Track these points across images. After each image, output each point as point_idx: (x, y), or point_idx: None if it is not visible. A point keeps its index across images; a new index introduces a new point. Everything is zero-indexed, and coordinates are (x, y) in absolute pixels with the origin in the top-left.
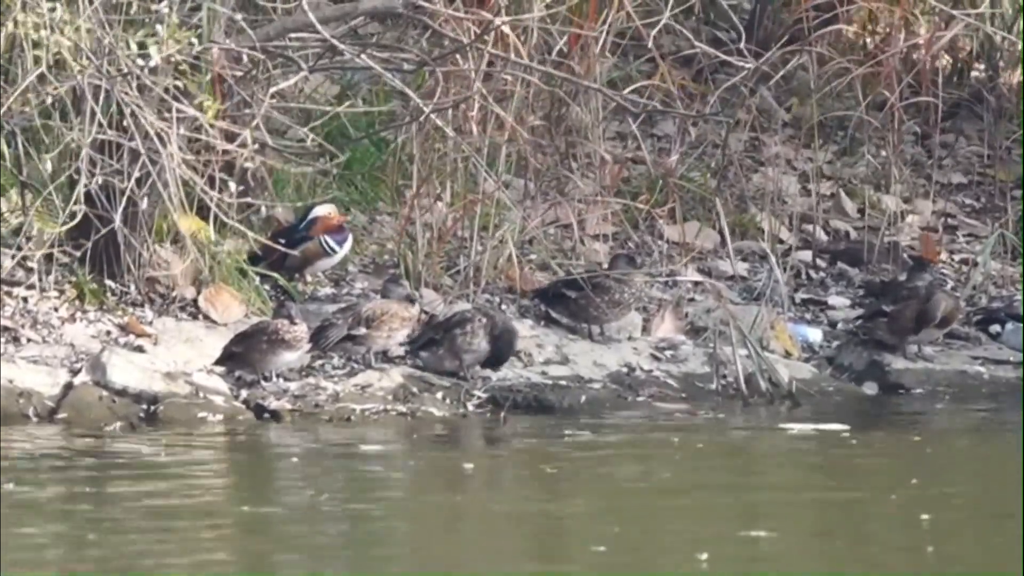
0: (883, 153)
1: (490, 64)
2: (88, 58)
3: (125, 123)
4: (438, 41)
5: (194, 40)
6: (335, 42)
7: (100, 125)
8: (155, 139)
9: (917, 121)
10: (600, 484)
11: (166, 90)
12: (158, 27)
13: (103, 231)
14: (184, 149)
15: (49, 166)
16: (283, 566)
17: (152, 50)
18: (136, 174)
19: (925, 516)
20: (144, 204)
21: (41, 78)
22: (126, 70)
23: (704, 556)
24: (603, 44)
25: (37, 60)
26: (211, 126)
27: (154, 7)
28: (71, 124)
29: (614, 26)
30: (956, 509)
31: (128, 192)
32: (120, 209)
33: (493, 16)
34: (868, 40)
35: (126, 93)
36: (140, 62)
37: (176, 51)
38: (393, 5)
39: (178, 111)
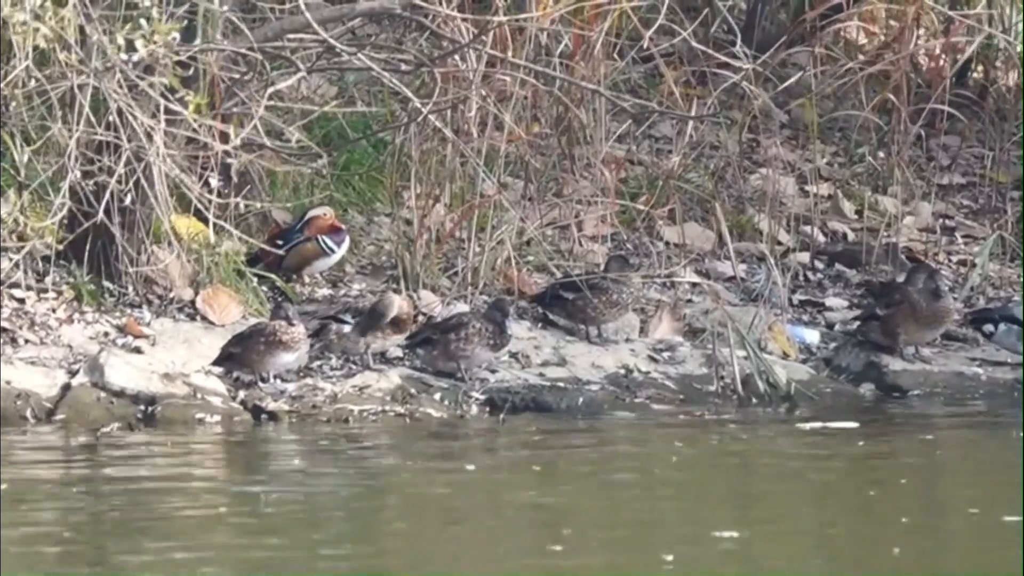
0: (880, 155)
1: (490, 65)
2: (76, 52)
3: (111, 119)
4: (437, 42)
5: (176, 35)
6: (333, 42)
7: (89, 123)
8: (142, 136)
9: (922, 125)
10: (599, 485)
11: (152, 86)
12: (142, 22)
13: (86, 224)
14: (171, 146)
15: (26, 157)
16: (283, 565)
17: (138, 43)
18: (120, 170)
19: (940, 517)
20: (128, 200)
21: (31, 72)
22: (111, 64)
23: (670, 557)
24: (602, 46)
25: (24, 48)
26: (198, 124)
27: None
28: (56, 119)
29: (614, 28)
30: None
31: (115, 189)
32: (103, 204)
33: (491, 17)
34: (871, 42)
35: (115, 91)
36: (124, 56)
37: (160, 46)
38: (391, 6)
39: (165, 108)
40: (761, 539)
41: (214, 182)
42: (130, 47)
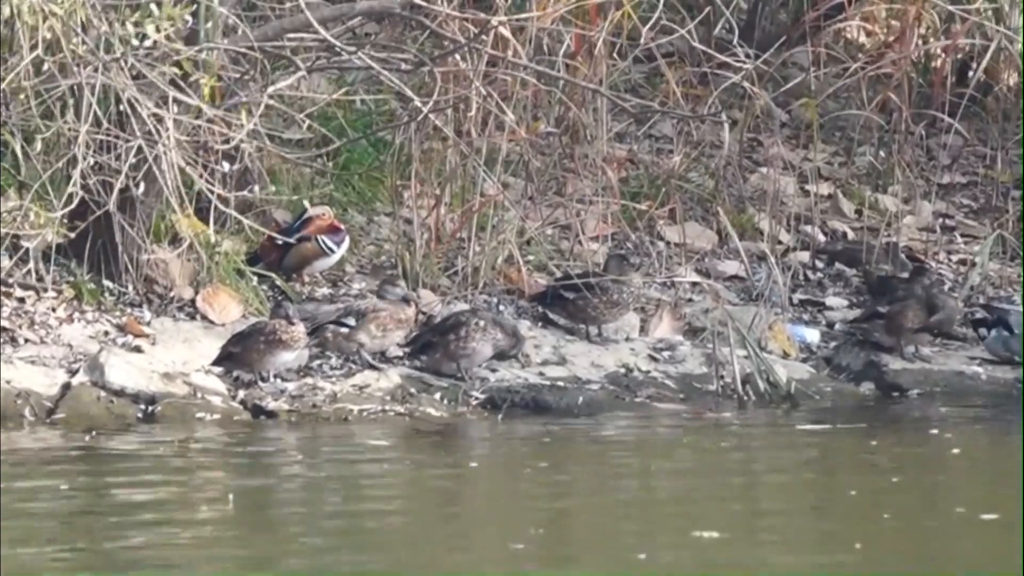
0: (882, 154)
1: (491, 65)
2: (84, 41)
3: (121, 108)
4: (437, 41)
5: (188, 17)
6: (334, 41)
7: (96, 114)
8: (151, 126)
9: (923, 124)
10: (597, 484)
11: (162, 75)
12: (153, 7)
13: (96, 213)
14: (178, 137)
15: (20, 152)
16: (283, 565)
17: (149, 28)
18: (131, 159)
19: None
20: (140, 190)
21: (38, 69)
22: (119, 54)
23: (643, 556)
24: (603, 45)
25: (33, 37)
26: (202, 116)
27: None
28: (58, 115)
29: (615, 28)
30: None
31: (125, 180)
32: (113, 196)
33: (492, 16)
34: (872, 40)
35: (124, 82)
36: (135, 42)
37: (171, 30)
38: (390, 5)
39: (175, 98)
40: (739, 538)
41: (226, 165)
42: (140, 35)
